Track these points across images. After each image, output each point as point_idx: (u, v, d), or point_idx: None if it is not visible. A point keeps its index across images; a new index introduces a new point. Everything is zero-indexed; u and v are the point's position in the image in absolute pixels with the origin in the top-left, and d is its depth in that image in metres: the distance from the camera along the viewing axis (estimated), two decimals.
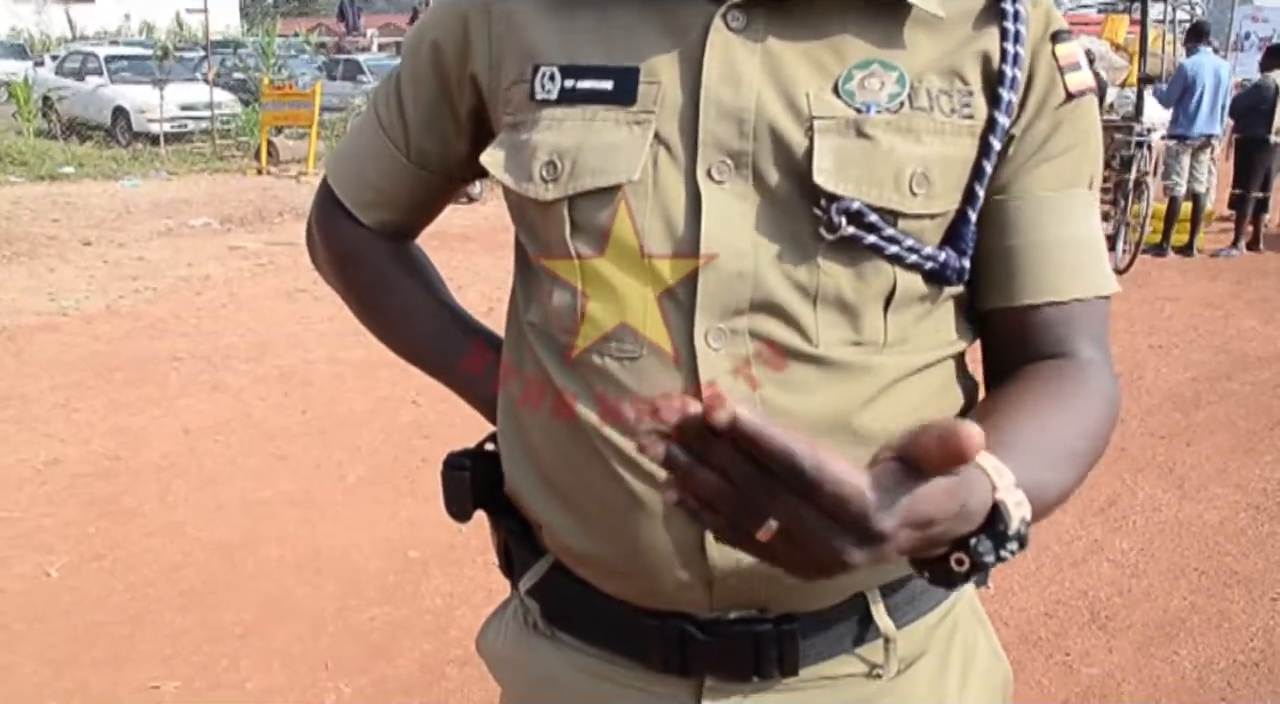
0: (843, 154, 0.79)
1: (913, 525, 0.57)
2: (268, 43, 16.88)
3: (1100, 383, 0.86)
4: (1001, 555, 0.62)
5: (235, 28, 30.61)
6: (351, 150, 1.05)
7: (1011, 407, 0.81)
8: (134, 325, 5.96)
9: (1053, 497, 0.76)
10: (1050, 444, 0.77)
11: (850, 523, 0.55)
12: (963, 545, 0.62)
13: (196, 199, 10.54)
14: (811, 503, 0.54)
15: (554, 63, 0.84)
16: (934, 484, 0.56)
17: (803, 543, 0.56)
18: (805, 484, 0.53)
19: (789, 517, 0.55)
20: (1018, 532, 0.63)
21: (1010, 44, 0.83)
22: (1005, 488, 0.63)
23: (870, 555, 0.57)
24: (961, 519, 0.60)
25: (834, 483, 0.54)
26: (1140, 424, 4.54)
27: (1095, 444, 0.83)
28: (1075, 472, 0.79)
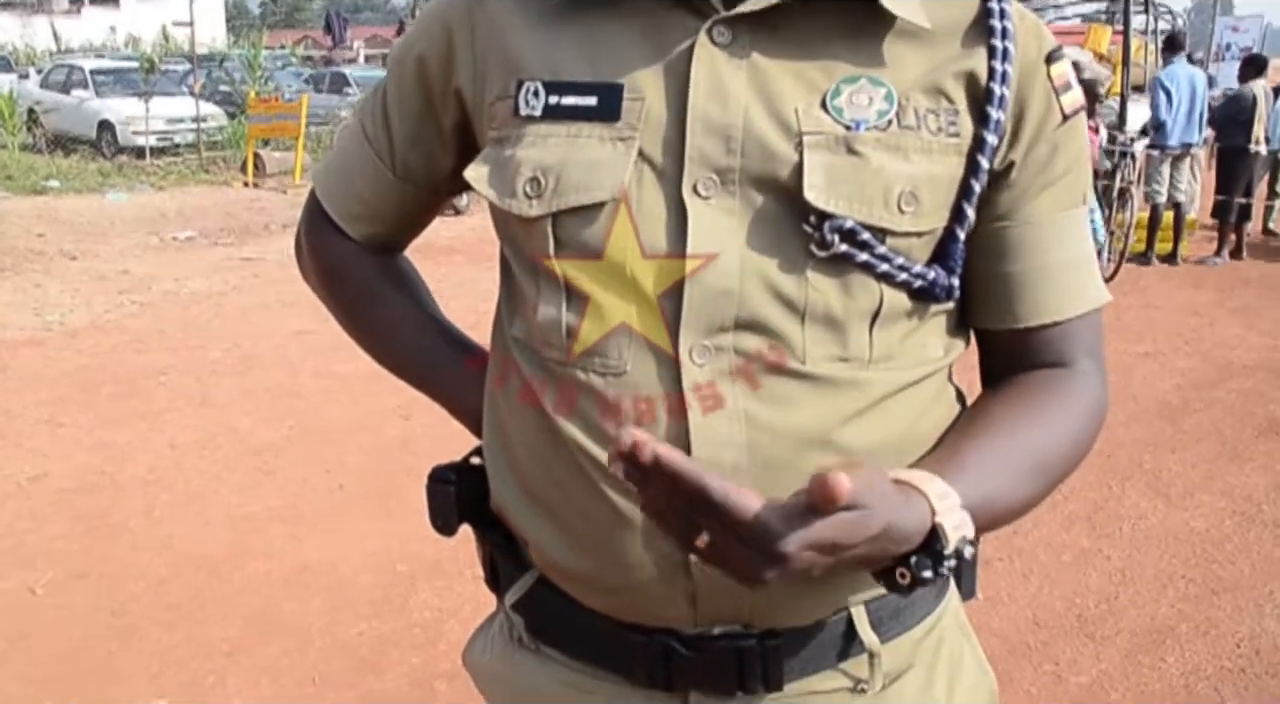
0: (833, 171, 0.79)
1: (815, 548, 0.65)
2: (254, 55, 16.85)
3: (1089, 392, 0.89)
4: (940, 571, 0.71)
5: (221, 40, 30.55)
6: (338, 164, 1.05)
7: (983, 421, 0.86)
8: (119, 340, 5.94)
9: (1014, 506, 0.82)
10: (1017, 457, 0.83)
11: (754, 543, 0.65)
12: (904, 562, 0.71)
13: (183, 212, 10.50)
14: (723, 525, 0.65)
15: (538, 78, 0.84)
16: (836, 517, 0.65)
17: (726, 555, 0.66)
18: (714, 511, 0.64)
19: (713, 533, 0.66)
20: (956, 550, 0.72)
21: (999, 62, 0.83)
22: (945, 510, 0.72)
23: (780, 572, 0.66)
24: (897, 541, 0.70)
25: (737, 511, 0.64)
26: (1126, 431, 4.56)
27: (1072, 452, 0.87)
28: (1043, 481, 0.85)
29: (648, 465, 0.63)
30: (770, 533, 0.64)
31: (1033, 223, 0.87)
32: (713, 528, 0.65)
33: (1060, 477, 0.86)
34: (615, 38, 0.83)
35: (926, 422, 0.87)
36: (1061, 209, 0.88)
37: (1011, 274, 0.87)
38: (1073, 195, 0.89)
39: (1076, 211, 0.89)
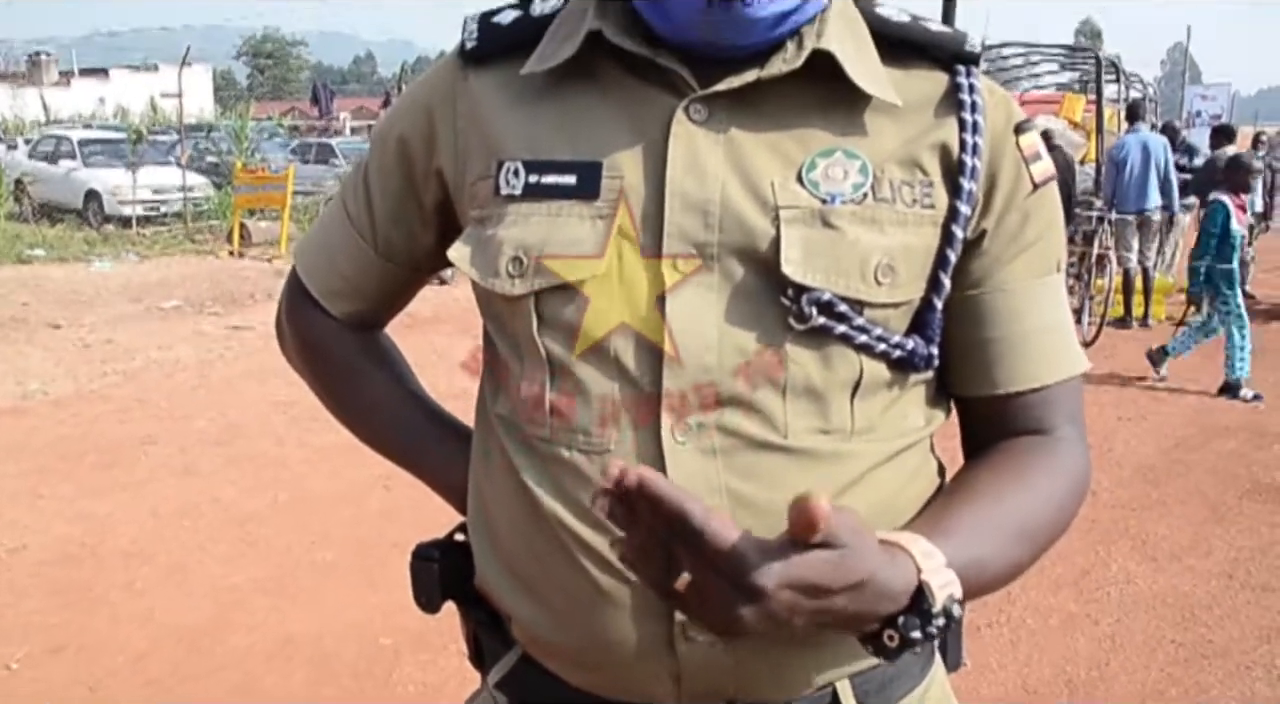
0: (810, 244, 0.80)
1: (795, 587, 0.65)
2: (241, 126, 17.01)
3: (1071, 458, 0.89)
4: (929, 631, 0.70)
5: (209, 111, 30.88)
6: (320, 241, 1.06)
7: (968, 488, 0.86)
8: (103, 409, 5.90)
9: (1001, 571, 0.82)
10: (1002, 522, 0.82)
11: (732, 576, 0.64)
12: (892, 623, 0.70)
13: (168, 281, 10.51)
14: (702, 556, 0.64)
15: (518, 158, 0.86)
16: (814, 554, 0.65)
17: (705, 595, 0.65)
18: (693, 536, 0.64)
19: (692, 568, 0.65)
20: (944, 609, 0.70)
21: (969, 135, 0.85)
22: (931, 570, 0.71)
23: (759, 613, 0.65)
24: (882, 596, 0.69)
25: (715, 538, 0.63)
26: (1111, 495, 4.57)
27: (1058, 517, 0.87)
28: (1030, 547, 0.85)
29: (631, 490, 0.63)
30: (747, 563, 0.64)
31: (1007, 289, 0.88)
32: (691, 562, 0.65)
33: (1046, 543, 0.87)
34: (594, 116, 0.85)
35: (909, 493, 0.88)
36: (1035, 275, 0.89)
37: (988, 341, 0.88)
38: (1046, 262, 0.90)
39: (1051, 279, 0.90)
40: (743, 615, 0.65)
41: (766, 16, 0.79)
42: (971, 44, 0.88)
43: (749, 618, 0.65)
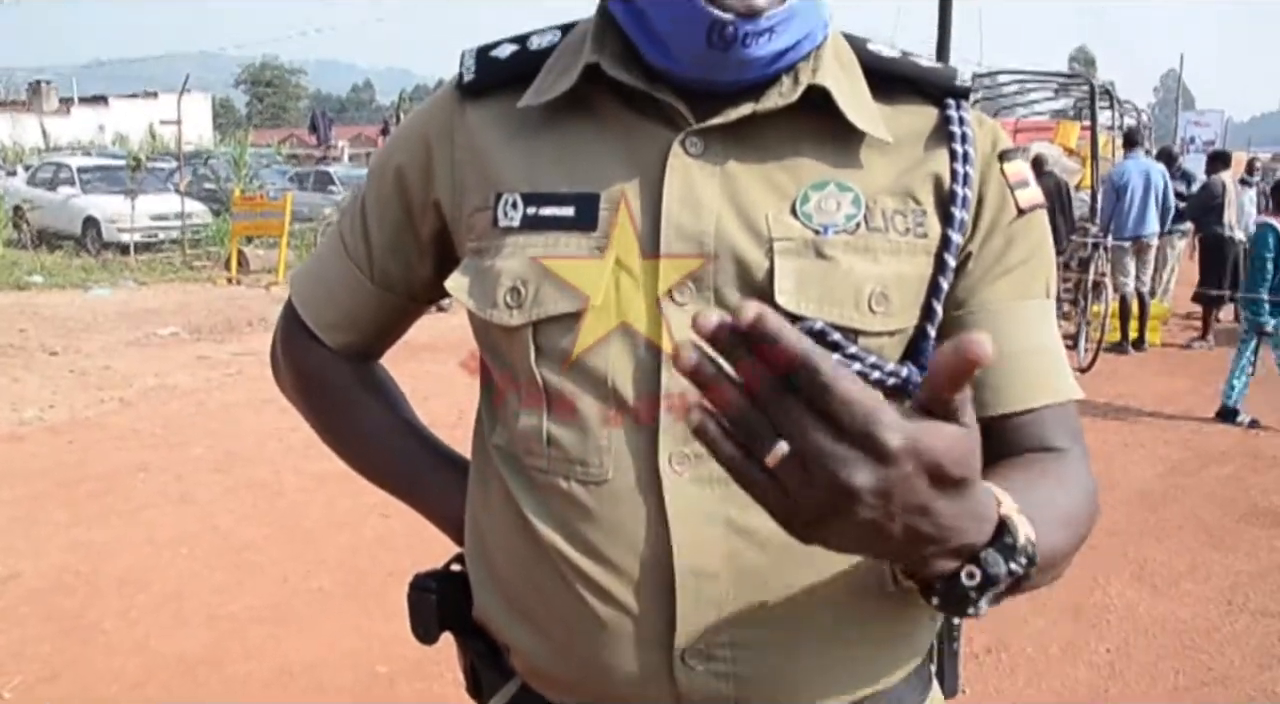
0: (803, 275, 0.81)
1: (919, 457, 0.55)
2: (239, 153, 17.10)
3: (1079, 472, 0.87)
4: (1011, 568, 0.63)
5: (208, 139, 31.01)
6: (316, 272, 1.06)
7: (1006, 478, 0.76)
8: (99, 436, 5.89)
9: (1050, 555, 0.73)
10: (1044, 508, 0.74)
11: (858, 432, 0.53)
12: (974, 558, 0.63)
13: (165, 308, 10.52)
14: (820, 414, 0.53)
15: (516, 190, 0.86)
16: (942, 425, 0.56)
17: (809, 464, 0.54)
18: (817, 386, 0.53)
19: (801, 434, 0.54)
20: (1025, 546, 0.64)
21: (959, 165, 0.86)
22: (1010, 507, 0.65)
23: (877, 483, 0.54)
24: (974, 517, 0.61)
25: (844, 391, 0.53)
26: (1109, 521, 4.56)
27: (1083, 518, 0.83)
28: (1071, 535, 0.79)
29: (750, 327, 0.52)
30: (882, 422, 0.53)
31: (989, 310, 0.88)
32: (797, 421, 0.54)
33: (1081, 537, 0.81)
34: (591, 148, 0.86)
35: None
36: (1019, 298, 0.89)
37: None
38: (1031, 286, 0.90)
39: (1037, 303, 0.90)
40: (854, 494, 0.54)
41: (764, 55, 0.80)
42: (962, 79, 0.89)
43: (861, 483, 0.54)
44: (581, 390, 0.83)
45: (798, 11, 0.79)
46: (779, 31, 0.79)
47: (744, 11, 0.77)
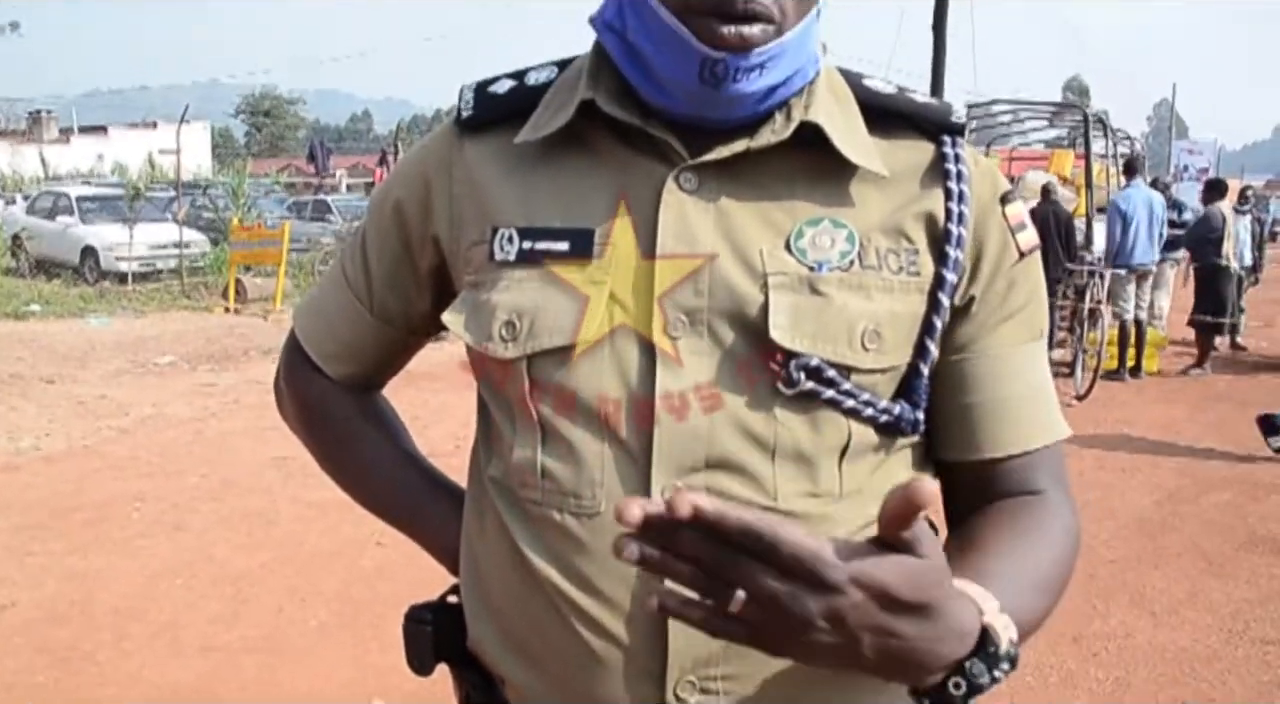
0: (798, 311, 0.82)
1: (868, 588, 0.62)
2: (238, 183, 17.15)
3: (1061, 518, 0.90)
4: (995, 676, 0.68)
5: (207, 168, 31.12)
6: (318, 305, 1.07)
7: (984, 541, 0.84)
8: (96, 465, 5.88)
9: (1031, 622, 0.79)
10: (1023, 574, 0.81)
11: (805, 575, 0.61)
12: (959, 669, 0.67)
13: (163, 337, 10.52)
14: (771, 564, 0.61)
15: (512, 224, 0.87)
16: (892, 557, 0.63)
17: (769, 606, 0.61)
18: (764, 547, 0.60)
19: (753, 582, 0.61)
20: (1008, 652, 0.68)
21: (955, 204, 0.87)
22: (991, 612, 0.69)
23: (830, 615, 0.62)
24: (950, 634, 0.66)
25: (788, 542, 0.60)
26: (1108, 549, 4.55)
27: (1063, 572, 0.87)
28: (1048, 598, 0.84)
29: (689, 519, 0.59)
30: (822, 560, 0.61)
31: (991, 355, 0.89)
32: (750, 574, 0.60)
33: (1056, 596, 0.86)
34: (587, 184, 0.87)
35: None
36: (1019, 342, 0.91)
37: (972, 405, 0.89)
38: (1030, 329, 0.92)
39: (1034, 346, 0.92)
40: (811, 623, 0.61)
41: (755, 91, 0.81)
42: (957, 115, 0.90)
43: (815, 614, 0.61)
44: (575, 423, 0.83)
45: (788, 48, 0.80)
46: (769, 68, 0.80)
47: (736, 47, 0.78)
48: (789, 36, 0.80)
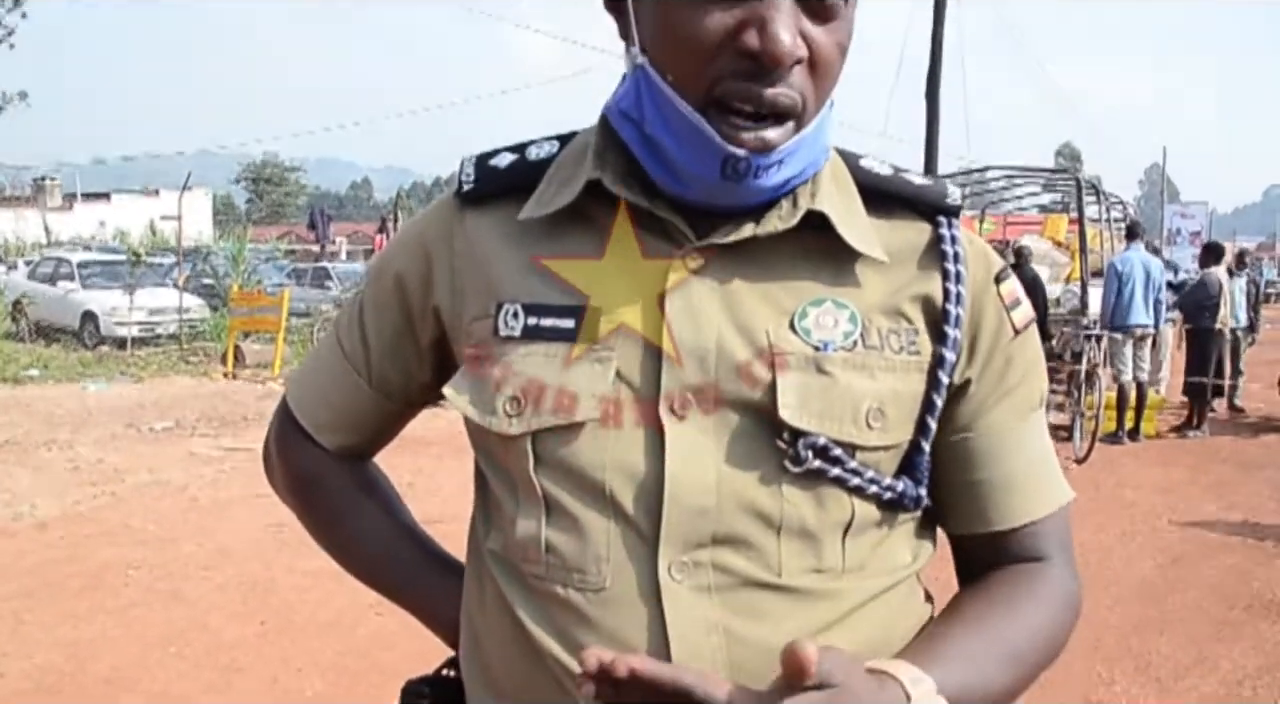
0: (805, 390, 0.83)
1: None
2: (238, 249, 17.27)
3: (1059, 584, 0.92)
4: None
5: (208, 234, 31.30)
6: (312, 374, 1.07)
7: (958, 615, 0.88)
8: (90, 531, 5.83)
9: (992, 696, 0.82)
10: (991, 648, 0.84)
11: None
12: None
13: (161, 402, 10.51)
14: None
15: (517, 300, 0.88)
16: (806, 696, 0.68)
17: None
18: (697, 699, 0.69)
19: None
20: None
21: (953, 284, 0.89)
22: (920, 696, 0.73)
23: None
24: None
25: (714, 692, 0.70)
26: (1111, 614, 4.51)
27: (1048, 643, 0.89)
28: (1020, 671, 0.86)
29: (624, 679, 0.67)
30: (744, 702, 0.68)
31: (994, 432, 0.91)
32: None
33: (1037, 668, 0.88)
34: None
35: (899, 627, 0.88)
36: (1020, 417, 0.92)
37: (979, 482, 0.91)
38: (1030, 402, 0.93)
39: (1034, 417, 0.93)
40: None
41: (773, 184, 0.82)
42: (951, 197, 0.92)
43: None
44: (581, 499, 0.83)
45: (805, 143, 0.82)
46: (787, 162, 0.81)
47: (758, 148, 0.79)
48: (808, 131, 0.81)
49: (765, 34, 0.76)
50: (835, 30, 0.80)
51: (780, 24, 0.76)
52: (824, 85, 0.81)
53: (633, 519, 0.82)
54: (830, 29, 0.80)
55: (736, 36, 0.77)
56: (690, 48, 0.78)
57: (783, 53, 0.76)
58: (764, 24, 0.76)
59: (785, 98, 0.78)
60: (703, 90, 0.79)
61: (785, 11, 0.77)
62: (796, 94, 0.79)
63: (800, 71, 0.79)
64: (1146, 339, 9.02)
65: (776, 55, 0.76)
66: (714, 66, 0.78)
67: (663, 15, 0.80)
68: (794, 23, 0.77)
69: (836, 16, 0.80)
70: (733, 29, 0.77)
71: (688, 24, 0.78)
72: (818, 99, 0.81)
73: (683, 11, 0.78)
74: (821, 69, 0.80)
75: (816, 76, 0.80)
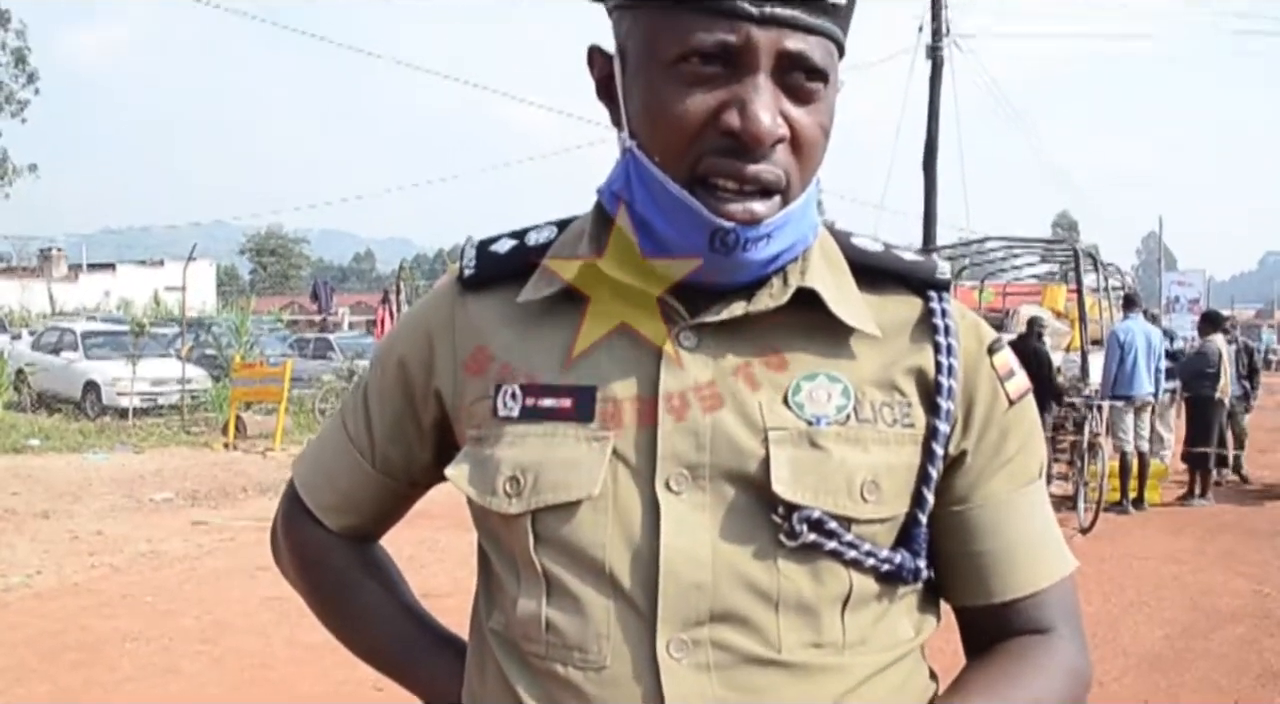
0: (798, 464, 0.84)
1: None
2: (241, 320, 17.35)
3: (1067, 656, 0.91)
4: None
5: (211, 305, 31.52)
6: (318, 457, 1.08)
7: (963, 691, 0.87)
8: (86, 603, 5.77)
9: None
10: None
11: None
12: None
13: (161, 473, 10.48)
14: None
15: (515, 381, 0.90)
16: None
17: None
18: None
19: None
20: None
21: (944, 357, 0.90)
22: None
23: None
24: None
25: None
26: (1121, 687, 4.44)
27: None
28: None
29: None
30: None
31: (993, 503, 0.91)
32: None
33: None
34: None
35: (903, 702, 0.88)
36: (1018, 487, 0.93)
37: (980, 553, 0.91)
38: (1028, 472, 0.94)
39: (1033, 487, 0.94)
40: None
41: (762, 258, 0.84)
42: (942, 272, 0.94)
43: None
44: (580, 578, 0.84)
45: (792, 218, 0.84)
46: (775, 236, 0.83)
47: (745, 220, 0.81)
48: (794, 207, 0.84)
49: (745, 114, 0.79)
50: (816, 112, 0.83)
51: (760, 105, 0.79)
52: (807, 164, 0.84)
53: (631, 596, 0.83)
54: (810, 111, 0.82)
55: (718, 117, 0.80)
56: (674, 128, 0.81)
57: (762, 132, 0.79)
58: (744, 105, 0.79)
59: (768, 174, 0.81)
60: (687, 168, 0.81)
61: (765, 93, 0.79)
62: (780, 171, 0.81)
63: (783, 150, 0.81)
64: (1148, 408, 9.02)
65: (757, 134, 0.79)
66: (697, 145, 0.81)
67: (648, 99, 0.83)
68: (774, 104, 0.80)
69: (816, 99, 0.82)
70: (714, 109, 0.80)
71: (671, 106, 0.81)
72: (802, 177, 0.84)
73: (666, 95, 0.81)
74: (804, 149, 0.82)
75: (800, 155, 0.83)
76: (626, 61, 0.86)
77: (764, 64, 0.80)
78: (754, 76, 0.80)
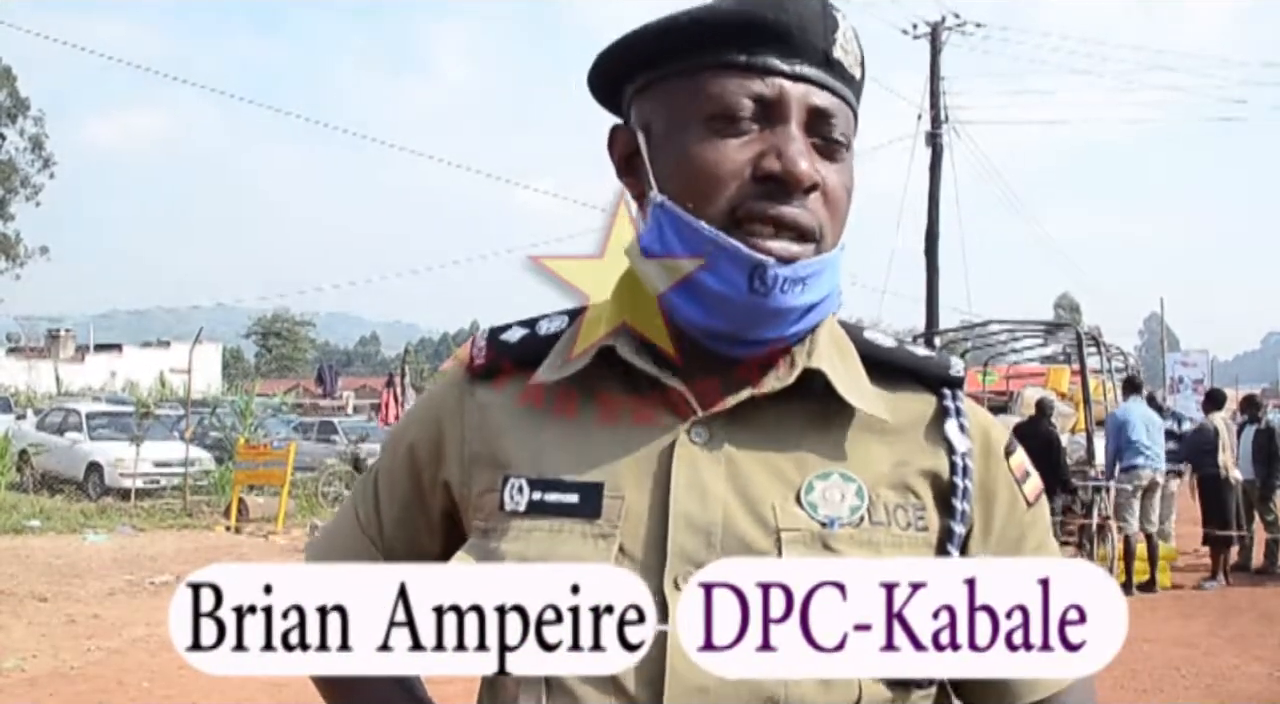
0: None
1: None
2: (246, 403, 17.36)
3: None
4: None
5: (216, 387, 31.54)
6: (330, 541, 1.08)
7: None
8: (81, 689, 5.68)
9: None
10: None
11: None
12: None
13: (162, 555, 10.38)
14: None
15: (522, 474, 0.89)
16: None
17: None
18: None
19: None
20: None
21: (959, 458, 0.90)
22: None
23: None
24: None
25: None
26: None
27: None
28: None
29: None
30: None
31: None
32: None
33: None
34: (597, 436, 0.89)
35: None
36: None
37: None
38: None
39: None
40: None
41: (797, 306, 0.84)
42: (955, 369, 0.94)
43: None
44: (581, 677, 0.82)
45: (828, 266, 0.86)
46: (810, 284, 0.84)
47: (782, 256, 0.82)
48: (828, 256, 0.85)
49: (784, 157, 0.82)
50: (840, 171, 0.86)
51: (796, 151, 0.82)
52: (837, 218, 0.86)
53: (636, 699, 0.81)
54: (837, 169, 0.86)
55: (755, 165, 0.83)
56: (711, 177, 0.83)
57: (801, 172, 0.82)
58: (781, 151, 0.82)
59: (805, 218, 0.83)
60: (724, 213, 0.83)
61: (799, 141, 0.83)
62: (814, 218, 0.84)
63: (816, 199, 0.84)
64: (1155, 489, 8.95)
65: (797, 176, 0.82)
66: (735, 192, 0.83)
67: (682, 158, 0.85)
68: (809, 151, 0.84)
69: (841, 160, 0.86)
70: (751, 159, 0.83)
71: (708, 157, 0.84)
72: (834, 229, 0.86)
73: (703, 149, 0.84)
74: (833, 203, 0.85)
75: (830, 208, 0.85)
76: (652, 137, 0.88)
77: (795, 116, 0.83)
78: (787, 126, 0.83)
